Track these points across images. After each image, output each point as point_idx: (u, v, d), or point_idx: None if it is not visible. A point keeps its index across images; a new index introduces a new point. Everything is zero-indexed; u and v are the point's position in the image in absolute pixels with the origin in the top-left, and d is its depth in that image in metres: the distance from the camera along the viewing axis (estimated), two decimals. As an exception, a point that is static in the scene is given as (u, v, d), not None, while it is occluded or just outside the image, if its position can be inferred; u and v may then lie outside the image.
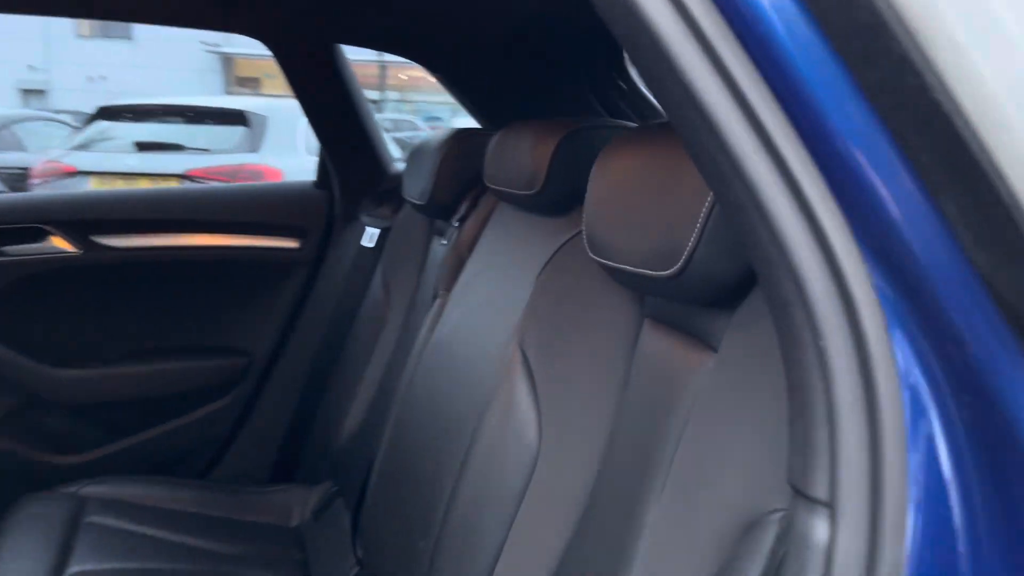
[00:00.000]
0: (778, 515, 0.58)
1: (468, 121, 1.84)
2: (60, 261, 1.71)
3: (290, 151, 5.57)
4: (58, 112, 13.36)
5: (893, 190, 0.39)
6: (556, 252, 1.05)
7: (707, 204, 0.67)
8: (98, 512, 1.54)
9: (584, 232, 0.88)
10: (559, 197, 1.10)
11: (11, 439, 1.72)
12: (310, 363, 1.87)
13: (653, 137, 0.80)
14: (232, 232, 1.82)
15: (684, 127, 0.43)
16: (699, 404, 0.74)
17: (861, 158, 0.40)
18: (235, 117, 5.65)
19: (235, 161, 5.41)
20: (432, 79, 1.76)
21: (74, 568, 1.35)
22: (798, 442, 0.44)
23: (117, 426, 1.81)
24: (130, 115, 5.89)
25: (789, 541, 0.45)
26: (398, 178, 1.88)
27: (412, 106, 19.35)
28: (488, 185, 1.27)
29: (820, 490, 0.42)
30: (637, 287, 0.84)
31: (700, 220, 0.68)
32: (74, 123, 8.46)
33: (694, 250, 0.69)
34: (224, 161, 5.39)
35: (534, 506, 0.95)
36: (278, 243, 1.85)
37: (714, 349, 0.75)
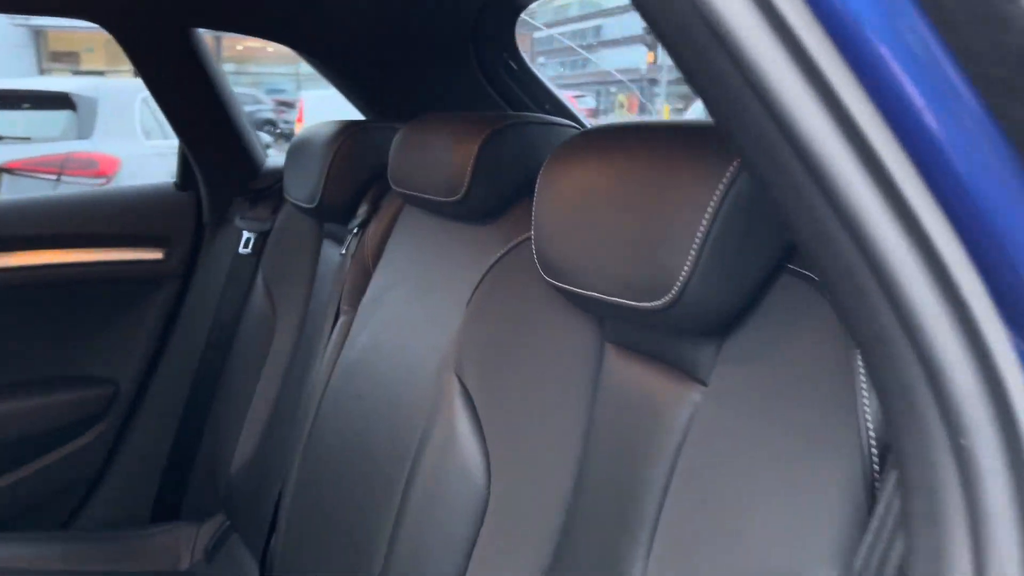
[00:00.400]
0: (826, 588, 0.51)
1: (318, 94, 1.68)
2: None
3: (127, 136, 5.10)
4: None
5: None
6: (489, 270, 0.94)
7: (704, 223, 0.59)
8: (-54, 588, 1.32)
9: (535, 251, 0.79)
10: (485, 204, 0.99)
11: None
12: (187, 387, 1.68)
13: (617, 143, 0.71)
14: (85, 246, 1.59)
15: (776, 175, 0.34)
16: (689, 444, 0.67)
17: (997, 207, 0.32)
18: (59, 100, 5.10)
19: (62, 149, 4.89)
20: (272, 49, 1.59)
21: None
22: (923, 552, 0.36)
23: (-42, 479, 1.56)
24: (-67, 103, 5.21)
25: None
26: (274, 175, 1.71)
27: (252, 79, 18.38)
28: (396, 188, 1.14)
29: None
30: (604, 313, 0.75)
31: (696, 243, 0.59)
32: None
33: (689, 279, 0.60)
34: (49, 150, 4.86)
35: (487, 558, 0.85)
36: (139, 255, 1.63)
37: (701, 382, 0.68)
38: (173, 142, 1.71)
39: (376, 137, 1.31)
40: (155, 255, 1.65)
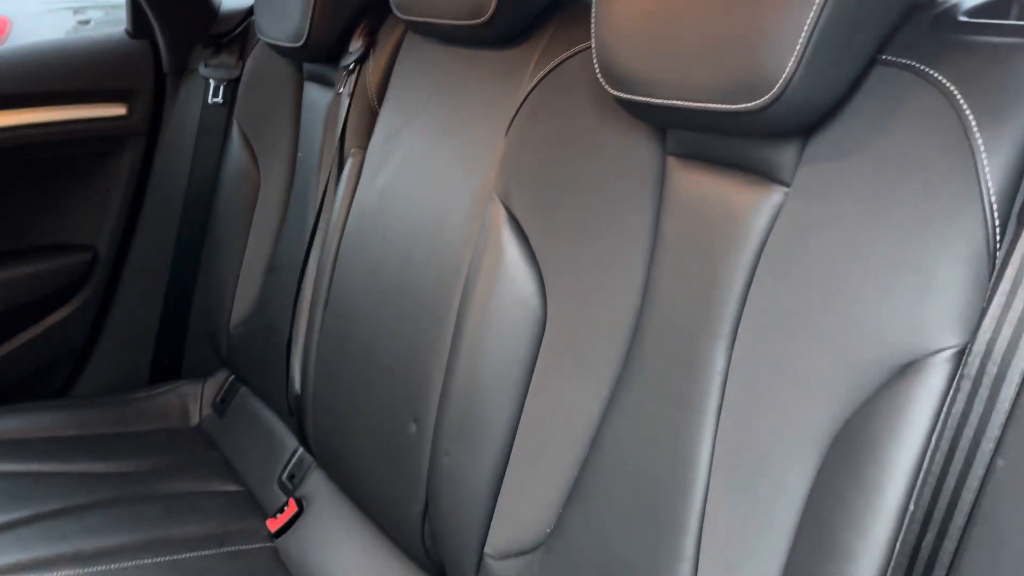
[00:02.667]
0: (949, 352, 0.56)
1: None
2: None
3: (11, -9, 4.63)
4: None
5: None
6: (529, 94, 0.93)
7: (812, 15, 0.59)
8: (-37, 460, 1.31)
9: (597, 64, 0.78)
10: (512, 24, 0.96)
11: None
12: (170, 248, 1.63)
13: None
14: (41, 104, 1.48)
15: None
16: (773, 246, 0.70)
17: None
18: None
19: (-60, 11, 4.43)
20: None
21: (-31, 529, 1.14)
22: None
23: (-56, 357, 1.51)
24: None
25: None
26: (236, 16, 1.60)
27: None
28: (401, 16, 1.09)
29: None
30: (675, 124, 0.76)
31: (803, 37, 0.60)
32: None
33: (792, 76, 0.61)
34: (-74, 12, 4.39)
35: (551, 374, 0.89)
36: (101, 111, 1.53)
37: (782, 183, 0.70)
38: None
39: (367, -38, 1.24)
40: (117, 111, 1.56)
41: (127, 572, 1.11)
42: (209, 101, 1.56)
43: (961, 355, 0.55)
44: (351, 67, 1.24)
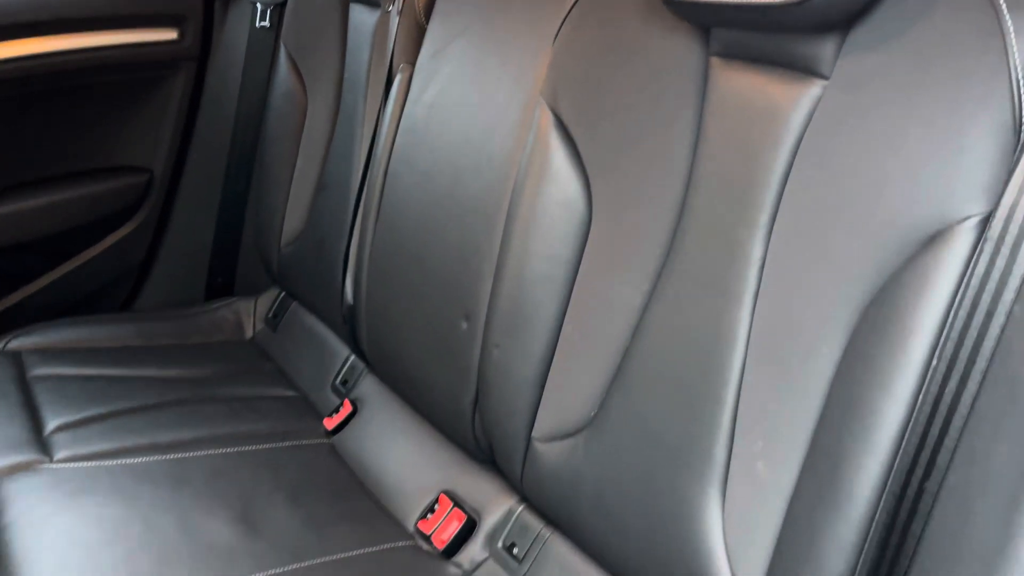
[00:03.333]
0: (974, 219, 0.61)
1: None
2: None
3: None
4: None
5: None
6: (576, 2, 0.97)
7: None
8: (40, 365, 1.41)
9: None
10: (560, -64, 1.00)
11: None
12: (222, 169, 1.70)
13: None
14: (95, 28, 1.54)
15: None
16: (811, 136, 0.75)
17: None
18: None
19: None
20: None
21: (52, 424, 1.24)
22: None
23: (17, 273, 1.60)
24: None
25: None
26: (281, -59, 1.64)
27: None
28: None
29: None
30: (719, 22, 0.80)
31: None
32: None
33: (830, -32, 0.65)
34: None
35: (596, 269, 0.95)
36: (153, 36, 1.59)
37: (821, 76, 0.74)
38: None
39: None
40: (169, 35, 1.61)
41: (200, 460, 1.20)
42: (257, 25, 1.61)
43: (985, 222, 0.60)
44: (398, -14, 1.28)
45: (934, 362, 0.61)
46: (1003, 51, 0.59)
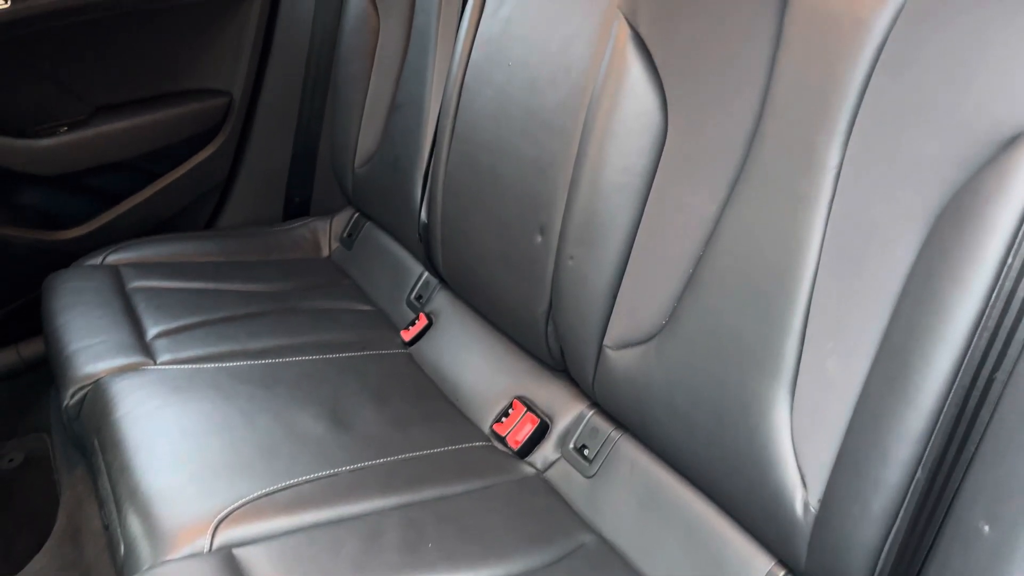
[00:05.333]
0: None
1: None
2: (-11, 17, 1.47)
3: None
4: None
5: None
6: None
7: None
8: (137, 277, 1.50)
9: None
10: None
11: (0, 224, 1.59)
12: (298, 92, 1.75)
13: None
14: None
15: None
16: (892, 45, 0.75)
17: None
18: None
19: None
20: None
21: (153, 331, 1.34)
22: None
23: (107, 192, 1.69)
24: None
25: None
26: None
27: None
28: None
29: None
30: None
31: None
32: None
33: None
34: None
35: (670, 180, 0.98)
36: (231, -39, 1.63)
37: (904, -18, 0.75)
38: None
39: None
40: (245, -41, 1.64)
41: (289, 365, 1.28)
42: (330, -52, 1.63)
43: (1068, 124, 0.61)
44: (471, -97, 1.28)
45: (1010, 259, 0.63)
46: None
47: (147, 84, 1.68)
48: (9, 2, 1.48)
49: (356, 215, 1.75)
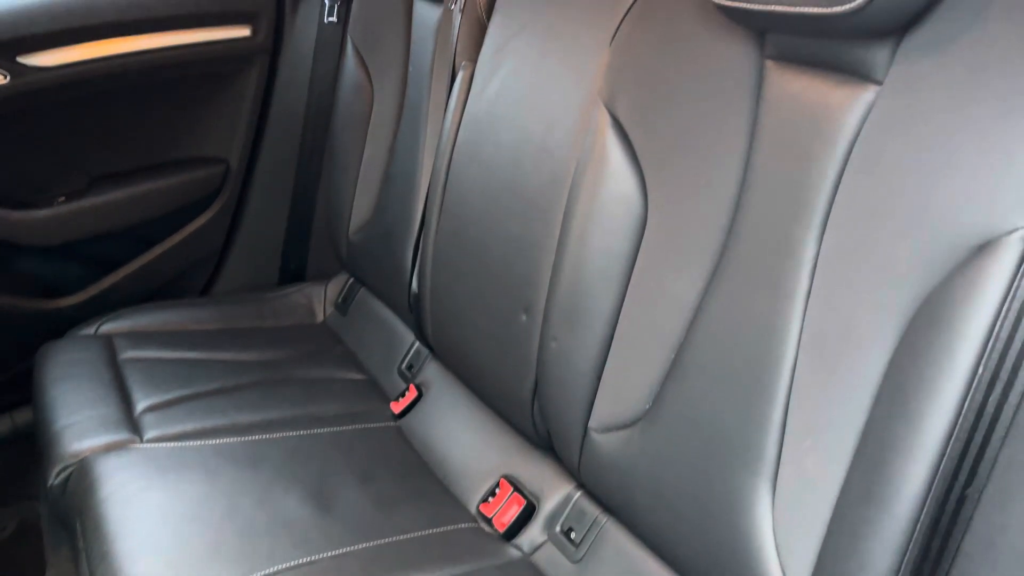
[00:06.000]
0: (1019, 233, 0.62)
1: None
2: (-11, 93, 1.50)
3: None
4: None
5: None
6: (633, 5, 0.99)
7: None
8: (130, 348, 1.50)
9: None
10: (617, -62, 1.02)
11: (-4, 293, 1.60)
12: (294, 159, 1.77)
13: None
14: (173, 27, 1.61)
15: None
16: (864, 140, 0.76)
17: None
18: None
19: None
20: None
21: (142, 405, 1.34)
22: None
23: (104, 260, 1.71)
24: None
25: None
26: (348, -64, 1.68)
27: None
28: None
29: None
30: (772, 28, 0.81)
31: None
32: None
33: (884, -21, 0.66)
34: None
35: (651, 266, 0.98)
36: (228, 33, 1.66)
37: (875, 81, 0.75)
38: None
39: None
40: (243, 32, 1.67)
41: (277, 441, 1.28)
42: (325, 20, 1.66)
43: (1033, 236, 0.61)
44: (460, -16, 1.31)
45: (980, 370, 0.62)
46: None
47: (145, 153, 1.70)
48: (8, 77, 1.52)
49: (351, 281, 1.75)
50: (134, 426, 1.28)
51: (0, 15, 1.52)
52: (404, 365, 1.51)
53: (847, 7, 0.69)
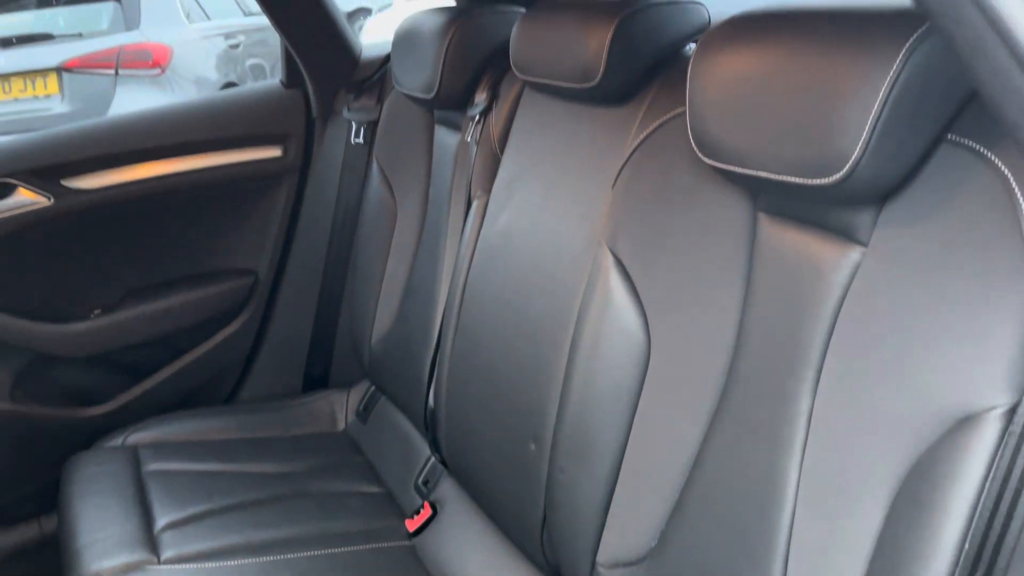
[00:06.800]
0: (999, 411, 0.63)
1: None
2: (34, 214, 1.59)
3: (172, 23, 5.09)
4: None
5: None
6: (633, 152, 1.03)
7: (875, 108, 0.67)
8: (154, 460, 1.54)
9: (691, 134, 0.87)
10: (620, 87, 1.07)
11: (30, 402, 1.66)
12: (320, 272, 1.83)
13: (775, 28, 0.77)
14: (209, 150, 1.70)
15: None
16: (852, 300, 0.77)
17: None
18: (100, -9, 5.08)
19: (113, 43, 4.93)
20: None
21: (162, 522, 1.36)
22: None
23: (135, 369, 1.76)
24: (-22, 7, 5.23)
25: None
26: (374, 64, 1.78)
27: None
28: (520, 76, 1.21)
29: None
30: (755, 188, 0.84)
31: (869, 124, 0.68)
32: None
33: (860, 158, 0.69)
34: (102, 45, 4.91)
35: (655, 403, 0.99)
36: (260, 154, 1.74)
37: (861, 243, 0.77)
38: (216, 23, 1.78)
39: (490, 22, 1.37)
40: (274, 152, 1.76)
41: (290, 563, 1.29)
42: (352, 141, 1.74)
43: (1012, 413, 0.62)
44: (476, 117, 1.37)
45: (966, 546, 0.62)
46: (1022, 251, 0.61)
47: (178, 266, 1.78)
48: (52, 199, 1.61)
49: (372, 389, 1.78)
50: (152, 545, 1.30)
51: (46, 142, 1.62)
52: (420, 480, 1.52)
53: (827, 180, 0.72)
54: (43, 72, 4.81)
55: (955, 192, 0.68)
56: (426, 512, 1.42)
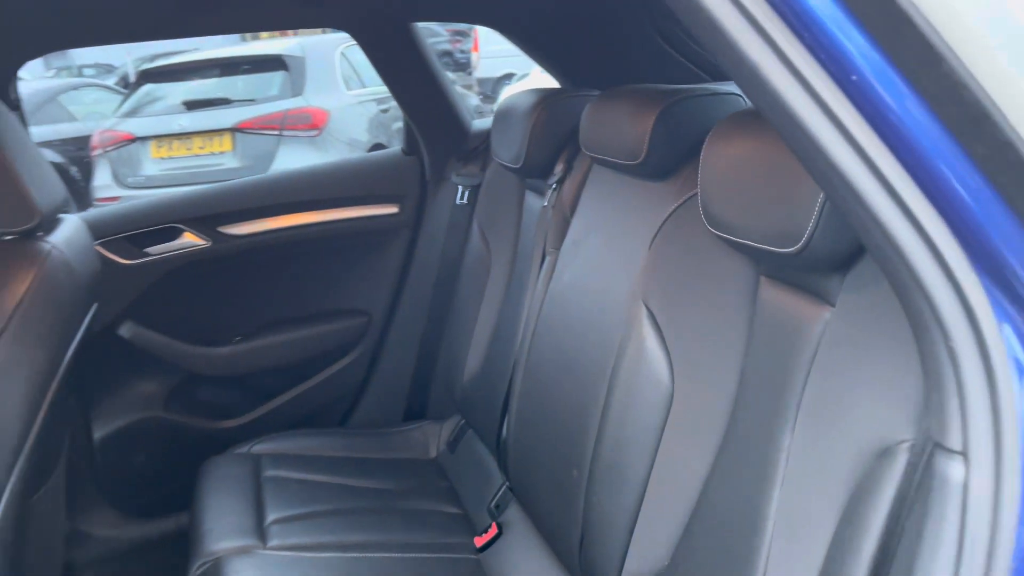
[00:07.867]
0: (906, 444, 0.75)
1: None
2: (195, 254, 1.92)
3: (332, 90, 5.66)
4: (82, 67, 13.50)
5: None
6: (666, 220, 1.20)
7: (822, 194, 0.82)
8: (272, 467, 1.80)
9: (701, 207, 1.04)
10: (661, 165, 1.24)
11: (179, 412, 1.98)
12: (424, 315, 2.07)
13: (764, 123, 0.94)
14: (338, 206, 2.00)
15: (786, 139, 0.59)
16: (821, 352, 0.91)
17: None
18: (273, 63, 5.73)
19: (281, 107, 5.54)
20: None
21: (271, 517, 1.61)
22: (935, 407, 0.60)
23: (264, 391, 2.05)
24: (171, 75, 6.02)
25: (928, 476, 0.62)
26: (480, 136, 2.03)
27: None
28: (587, 152, 1.41)
29: (955, 443, 0.59)
30: (753, 256, 1.00)
31: (818, 205, 0.83)
32: (114, 87, 8.61)
33: (814, 232, 0.84)
34: (270, 109, 5.52)
35: (674, 439, 1.14)
36: (380, 210, 2.02)
37: (831, 304, 0.91)
38: (370, 89, 2.07)
39: (569, 105, 1.58)
40: (391, 209, 2.03)
41: (370, 561, 1.50)
42: (457, 202, 1.99)
43: (915, 446, 0.74)
44: (554, 185, 1.58)
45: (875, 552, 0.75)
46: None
47: (305, 304, 2.07)
48: (210, 242, 1.94)
49: (462, 422, 1.99)
50: (261, 534, 1.55)
51: (207, 196, 1.96)
52: (493, 504, 1.70)
53: (791, 249, 0.87)
54: (219, 132, 5.47)
55: (880, 275, 0.81)
56: (493, 531, 1.60)
